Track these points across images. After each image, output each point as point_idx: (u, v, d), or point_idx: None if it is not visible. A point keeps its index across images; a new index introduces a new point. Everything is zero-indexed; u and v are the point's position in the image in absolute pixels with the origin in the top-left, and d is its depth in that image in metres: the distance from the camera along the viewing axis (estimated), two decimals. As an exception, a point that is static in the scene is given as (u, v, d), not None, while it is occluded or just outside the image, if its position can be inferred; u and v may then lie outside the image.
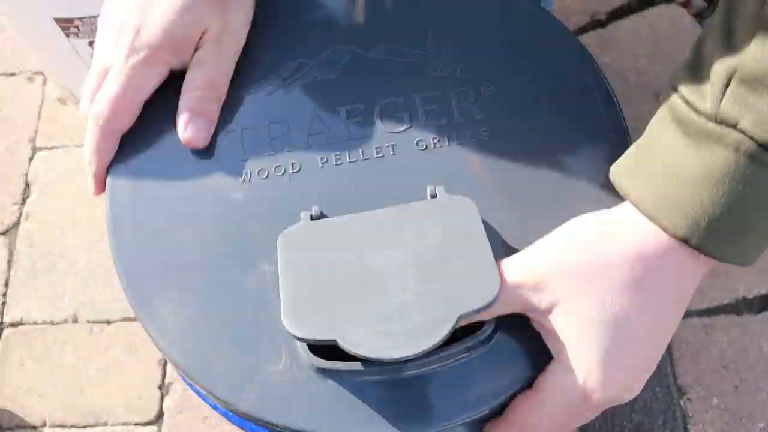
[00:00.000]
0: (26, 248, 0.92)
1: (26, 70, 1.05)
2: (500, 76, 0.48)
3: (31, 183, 0.96)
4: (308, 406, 0.40)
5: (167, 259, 0.44)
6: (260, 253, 0.44)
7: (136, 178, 0.48)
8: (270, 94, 0.49)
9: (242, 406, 0.41)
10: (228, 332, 0.42)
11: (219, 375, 0.41)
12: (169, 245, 0.45)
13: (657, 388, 0.79)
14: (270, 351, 0.41)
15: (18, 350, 0.86)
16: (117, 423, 0.81)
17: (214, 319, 0.42)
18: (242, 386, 0.41)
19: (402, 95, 0.48)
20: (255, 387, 0.41)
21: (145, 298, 0.43)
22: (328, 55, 0.50)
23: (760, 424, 0.77)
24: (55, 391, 0.83)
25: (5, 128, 1.00)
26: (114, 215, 0.48)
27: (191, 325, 0.42)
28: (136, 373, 0.84)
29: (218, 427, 0.80)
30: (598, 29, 1.02)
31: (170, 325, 0.42)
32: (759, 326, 0.81)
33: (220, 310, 0.43)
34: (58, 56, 0.78)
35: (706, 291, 0.83)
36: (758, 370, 0.79)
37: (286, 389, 0.41)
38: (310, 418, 0.40)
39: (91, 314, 0.87)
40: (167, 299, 0.43)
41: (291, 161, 0.46)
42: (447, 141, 0.46)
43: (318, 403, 0.40)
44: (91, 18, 0.72)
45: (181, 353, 0.42)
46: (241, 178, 0.46)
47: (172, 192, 0.46)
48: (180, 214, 0.46)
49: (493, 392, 0.41)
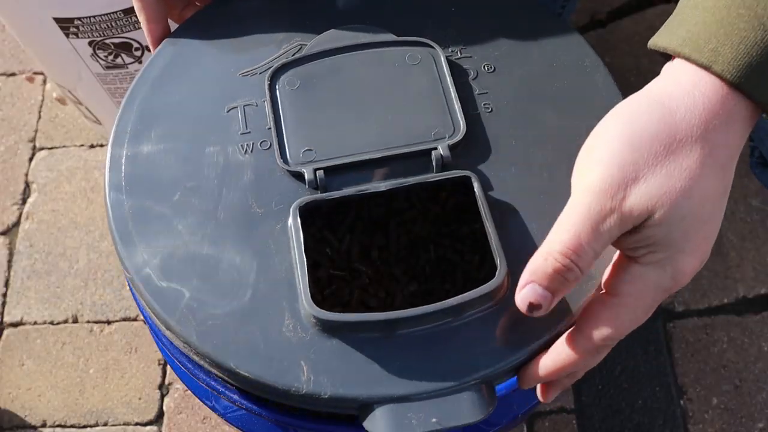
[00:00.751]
0: (26, 248, 0.92)
1: (26, 70, 1.05)
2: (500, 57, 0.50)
3: (31, 183, 0.96)
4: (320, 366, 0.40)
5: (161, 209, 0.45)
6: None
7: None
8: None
9: (233, 362, 0.41)
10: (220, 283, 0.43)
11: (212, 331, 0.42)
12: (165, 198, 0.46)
13: (657, 388, 0.79)
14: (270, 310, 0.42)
15: (18, 350, 0.86)
16: (117, 423, 0.81)
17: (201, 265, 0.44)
18: (237, 343, 0.41)
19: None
20: (251, 344, 0.41)
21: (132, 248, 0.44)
22: (326, 38, 0.51)
23: (760, 424, 0.77)
24: (55, 391, 0.83)
25: (5, 128, 1.00)
26: (113, 156, 0.48)
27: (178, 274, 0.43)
28: (136, 373, 0.84)
29: (218, 427, 0.80)
30: (598, 29, 1.02)
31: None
32: (759, 326, 0.81)
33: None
34: (58, 56, 0.78)
35: (706, 291, 0.83)
36: (758, 370, 0.79)
37: (291, 348, 0.41)
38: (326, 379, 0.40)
39: (91, 314, 0.87)
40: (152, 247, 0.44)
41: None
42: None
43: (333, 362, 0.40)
44: (91, 18, 0.72)
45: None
46: (243, 147, 0.48)
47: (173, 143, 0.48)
48: (177, 167, 0.47)
49: (505, 352, 0.41)
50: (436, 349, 0.41)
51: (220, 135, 0.48)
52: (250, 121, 0.48)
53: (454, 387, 0.40)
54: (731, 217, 0.86)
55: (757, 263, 0.84)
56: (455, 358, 0.41)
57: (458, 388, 0.40)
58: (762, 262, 0.84)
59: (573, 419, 0.78)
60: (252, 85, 0.50)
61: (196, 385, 0.55)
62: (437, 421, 0.39)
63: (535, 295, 0.38)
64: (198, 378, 0.50)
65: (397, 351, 0.41)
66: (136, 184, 0.47)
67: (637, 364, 0.80)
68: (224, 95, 0.50)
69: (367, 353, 0.41)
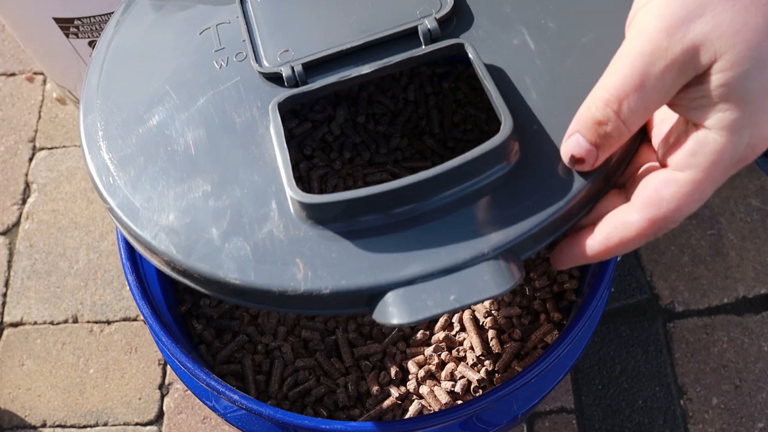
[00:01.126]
0: (26, 248, 0.92)
1: (26, 70, 1.05)
2: None
3: (31, 183, 0.96)
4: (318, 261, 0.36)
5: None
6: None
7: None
8: None
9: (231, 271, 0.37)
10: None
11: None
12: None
13: (657, 388, 0.79)
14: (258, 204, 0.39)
15: (18, 350, 0.86)
16: (117, 423, 0.81)
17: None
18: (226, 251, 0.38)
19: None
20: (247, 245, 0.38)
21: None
22: None
23: (760, 424, 0.77)
24: (55, 391, 0.83)
25: (5, 128, 1.00)
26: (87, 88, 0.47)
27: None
28: (136, 373, 0.84)
29: (218, 427, 0.80)
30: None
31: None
32: (759, 326, 0.81)
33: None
34: (58, 56, 0.78)
35: (706, 291, 0.83)
36: (758, 370, 0.79)
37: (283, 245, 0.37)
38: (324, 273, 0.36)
39: (91, 314, 0.87)
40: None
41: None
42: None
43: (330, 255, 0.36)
44: (91, 18, 0.72)
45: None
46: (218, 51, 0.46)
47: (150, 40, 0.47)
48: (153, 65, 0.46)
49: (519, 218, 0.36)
50: (446, 223, 0.36)
51: (193, 56, 0.46)
52: (224, 37, 0.47)
53: (470, 260, 0.35)
54: (731, 217, 0.87)
55: (757, 263, 0.84)
56: (468, 229, 0.36)
57: (475, 261, 0.35)
58: (762, 262, 0.84)
59: (573, 419, 0.78)
60: (224, 4, 0.48)
61: (196, 385, 0.55)
62: (456, 299, 0.34)
63: (577, 147, 0.34)
64: (198, 378, 0.50)
65: (402, 231, 0.36)
66: (112, 105, 0.45)
67: (637, 364, 0.80)
68: (196, 21, 0.48)
69: (369, 239, 0.36)
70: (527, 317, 0.58)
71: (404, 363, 0.58)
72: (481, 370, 0.56)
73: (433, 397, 0.56)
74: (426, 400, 0.56)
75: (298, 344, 0.60)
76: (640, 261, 0.85)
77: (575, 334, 0.50)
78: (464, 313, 0.59)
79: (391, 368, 0.58)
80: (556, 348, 0.50)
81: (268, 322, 0.60)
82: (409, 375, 0.58)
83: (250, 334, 0.60)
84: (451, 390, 0.56)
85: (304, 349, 0.60)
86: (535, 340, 0.57)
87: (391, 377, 0.58)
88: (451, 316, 0.59)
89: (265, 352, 0.59)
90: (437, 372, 0.57)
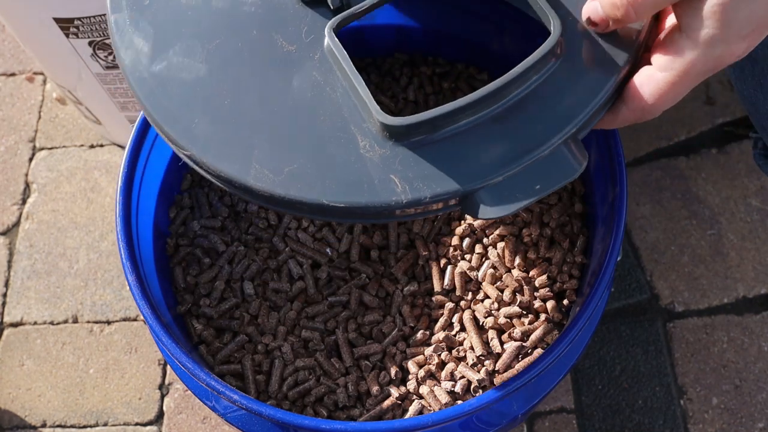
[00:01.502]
0: (26, 248, 0.92)
1: (26, 70, 1.05)
2: None
3: (31, 183, 0.96)
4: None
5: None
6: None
7: None
8: None
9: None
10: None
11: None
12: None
13: (657, 388, 0.79)
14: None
15: (18, 350, 0.86)
16: (117, 423, 0.81)
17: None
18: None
19: None
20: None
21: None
22: None
23: (760, 424, 0.77)
24: (55, 391, 0.83)
25: (5, 128, 1.00)
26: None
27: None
28: (136, 373, 0.84)
29: (218, 427, 0.80)
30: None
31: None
32: (759, 326, 0.81)
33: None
34: (58, 56, 0.78)
35: (706, 291, 0.83)
36: (758, 370, 0.79)
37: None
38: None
39: (91, 314, 0.87)
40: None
41: None
42: None
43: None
44: (91, 18, 0.72)
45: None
46: None
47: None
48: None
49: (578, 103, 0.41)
50: (515, 123, 0.40)
51: None
52: None
53: (544, 150, 0.40)
54: (731, 217, 0.87)
55: (757, 263, 0.84)
56: (536, 124, 0.40)
57: (548, 150, 0.40)
58: (762, 262, 0.84)
59: (573, 419, 0.78)
60: None
61: (196, 385, 0.55)
62: (540, 188, 0.39)
63: (594, 13, 0.40)
64: (198, 378, 0.50)
65: (478, 138, 0.40)
66: (161, 50, 0.45)
67: (637, 364, 0.80)
68: None
69: (451, 149, 0.40)
70: (527, 317, 0.58)
71: (404, 363, 0.58)
72: (481, 370, 0.56)
73: (433, 397, 0.56)
74: (426, 400, 0.56)
75: (298, 344, 0.60)
76: (640, 261, 0.85)
77: (575, 334, 0.50)
78: (464, 313, 0.59)
79: (391, 368, 0.58)
80: (556, 348, 0.50)
81: (268, 322, 0.60)
82: (409, 375, 0.58)
83: (250, 334, 0.60)
84: (451, 390, 0.56)
85: (304, 349, 0.60)
86: (535, 340, 0.57)
87: (391, 377, 0.58)
88: (451, 316, 0.59)
89: (265, 352, 0.59)
90: (437, 372, 0.57)
